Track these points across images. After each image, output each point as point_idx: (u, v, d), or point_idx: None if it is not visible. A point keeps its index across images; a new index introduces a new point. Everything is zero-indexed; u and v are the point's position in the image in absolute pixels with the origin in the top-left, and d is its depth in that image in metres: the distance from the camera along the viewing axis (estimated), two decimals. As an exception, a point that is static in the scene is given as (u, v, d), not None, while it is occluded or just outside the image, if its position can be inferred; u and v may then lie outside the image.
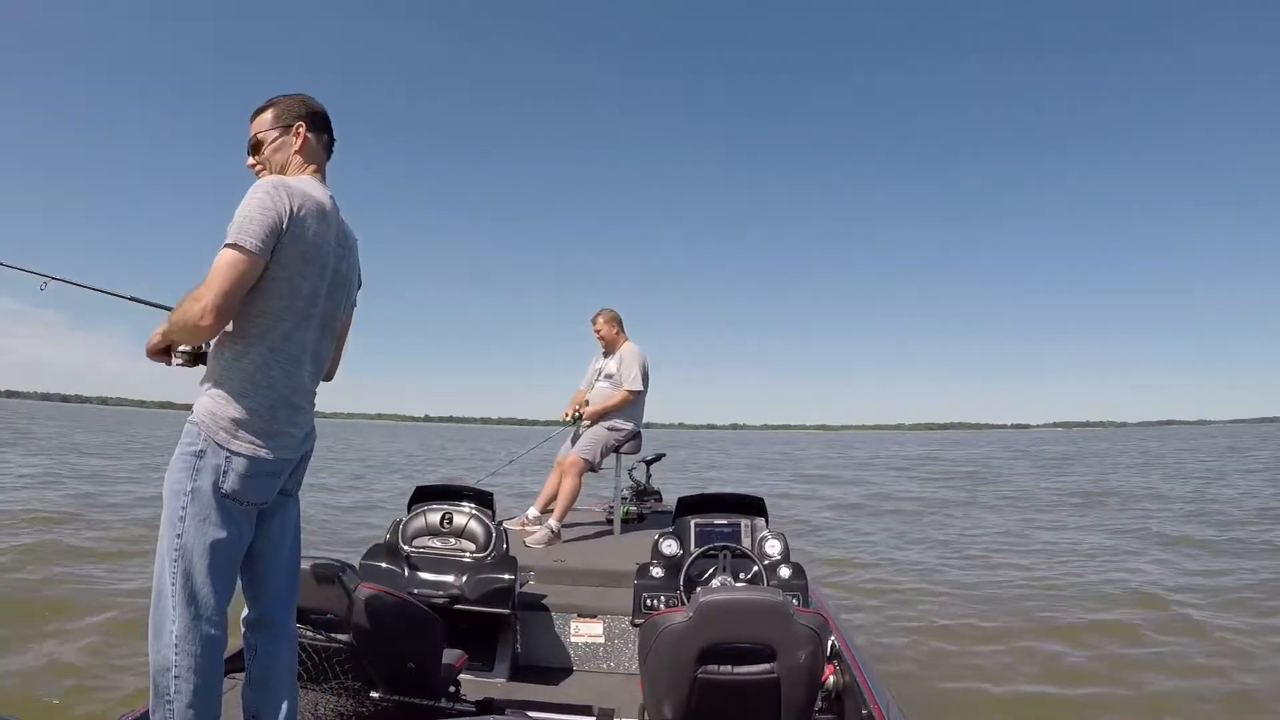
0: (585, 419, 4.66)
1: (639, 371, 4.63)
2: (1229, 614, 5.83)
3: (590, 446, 4.55)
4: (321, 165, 2.02)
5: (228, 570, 1.79)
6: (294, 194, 1.79)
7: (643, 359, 4.69)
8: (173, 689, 1.70)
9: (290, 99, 2.01)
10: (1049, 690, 4.34)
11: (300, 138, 1.97)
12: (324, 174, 2.02)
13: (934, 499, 14.95)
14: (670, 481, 7.55)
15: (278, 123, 1.97)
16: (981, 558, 8.38)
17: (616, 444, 4.63)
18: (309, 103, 2.02)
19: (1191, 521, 11.03)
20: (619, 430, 4.63)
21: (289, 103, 1.99)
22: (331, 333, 2.00)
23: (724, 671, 2.16)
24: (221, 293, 1.67)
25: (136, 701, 2.55)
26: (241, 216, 1.72)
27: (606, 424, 4.62)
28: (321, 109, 2.04)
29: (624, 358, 4.71)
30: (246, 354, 1.79)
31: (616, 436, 4.62)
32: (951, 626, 5.57)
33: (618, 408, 4.63)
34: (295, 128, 1.97)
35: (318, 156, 2.01)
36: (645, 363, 4.69)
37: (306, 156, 1.98)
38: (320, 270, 1.87)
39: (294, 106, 1.99)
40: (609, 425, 4.62)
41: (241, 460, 1.75)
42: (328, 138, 2.04)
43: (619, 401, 4.62)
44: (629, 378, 4.63)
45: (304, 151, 1.97)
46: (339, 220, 1.96)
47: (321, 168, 2.02)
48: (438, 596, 2.95)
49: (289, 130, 1.96)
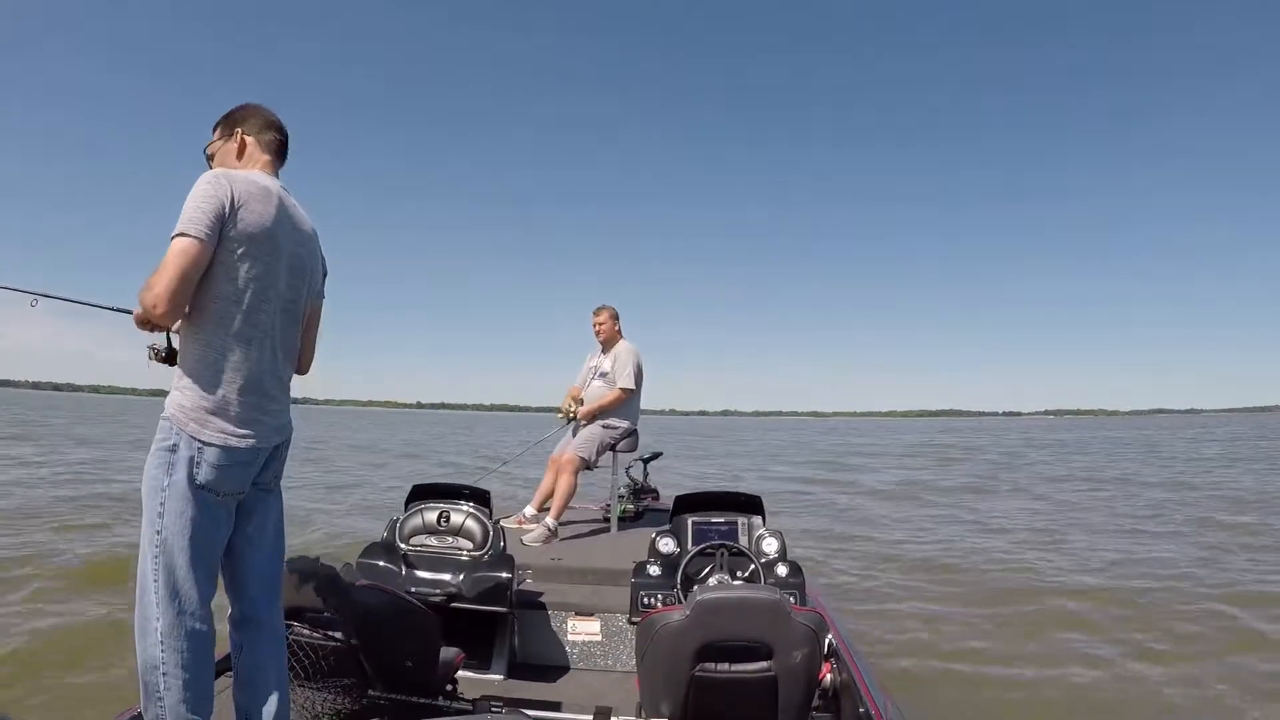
0: (580, 418, 4.68)
1: (633, 370, 4.64)
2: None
3: (586, 445, 4.55)
4: (268, 163, 2.05)
5: (209, 563, 1.82)
6: (235, 180, 1.84)
7: (637, 357, 4.70)
8: (162, 686, 1.72)
9: (234, 110, 2.09)
10: (1050, 690, 4.34)
11: (238, 141, 2.04)
12: (274, 171, 2.06)
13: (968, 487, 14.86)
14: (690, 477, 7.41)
15: (223, 134, 2.06)
16: (1010, 553, 8.20)
17: (612, 442, 4.63)
18: (257, 109, 2.09)
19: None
20: (614, 428, 4.63)
21: (231, 113, 2.08)
22: (295, 320, 2.01)
23: (721, 670, 2.17)
24: (172, 279, 1.71)
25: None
26: (186, 207, 1.77)
27: (602, 422, 4.63)
28: (269, 112, 2.10)
29: (619, 356, 4.72)
30: (209, 344, 1.81)
31: (612, 434, 4.62)
32: (959, 622, 5.56)
33: (611, 406, 4.63)
34: (235, 133, 2.04)
35: (260, 157, 2.05)
36: (639, 361, 4.70)
37: (247, 160, 2.03)
38: (271, 254, 1.89)
39: (234, 115, 2.07)
40: (605, 423, 4.62)
41: (214, 450, 1.78)
42: (272, 135, 2.07)
43: (612, 400, 4.62)
44: (623, 376, 4.63)
45: (243, 155, 2.03)
46: (291, 207, 1.99)
47: (270, 166, 2.05)
48: (435, 595, 2.95)
49: (230, 138, 2.05)
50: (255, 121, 2.06)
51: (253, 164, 2.03)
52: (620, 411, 4.66)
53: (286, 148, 2.11)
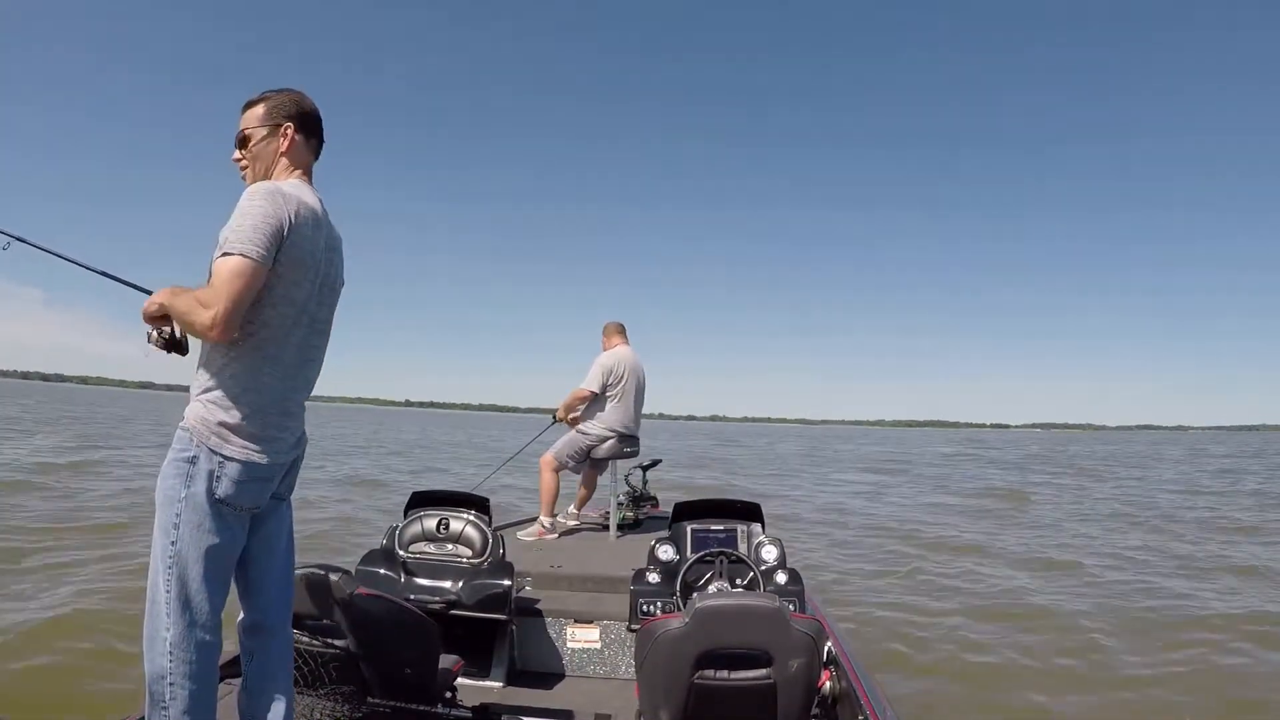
0: (557, 419, 4.94)
1: (596, 373, 4.79)
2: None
3: (560, 446, 4.81)
4: (308, 168, 1.96)
5: (222, 576, 1.79)
6: (291, 201, 1.77)
7: (605, 365, 4.80)
8: (168, 696, 1.70)
9: (282, 95, 1.93)
10: (1049, 699, 4.35)
11: (288, 139, 1.91)
12: (310, 176, 1.97)
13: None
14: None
15: (268, 120, 1.90)
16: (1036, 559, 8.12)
17: (588, 447, 4.78)
18: (301, 102, 1.94)
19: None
20: (587, 435, 4.79)
21: (280, 99, 1.92)
22: (322, 336, 1.97)
23: (720, 677, 2.17)
24: (231, 302, 1.65)
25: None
26: (244, 225, 1.68)
27: (579, 427, 4.82)
28: (313, 109, 1.97)
29: (595, 361, 4.88)
30: (239, 360, 1.76)
31: (586, 440, 4.79)
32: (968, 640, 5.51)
33: (569, 405, 4.82)
34: (284, 128, 1.90)
35: (304, 159, 1.95)
36: (608, 367, 4.80)
37: (293, 159, 1.92)
38: (313, 277, 1.85)
39: (285, 104, 1.92)
40: (580, 429, 4.82)
41: (235, 465, 1.74)
42: (316, 141, 1.98)
43: (570, 399, 4.81)
44: (586, 378, 4.81)
45: (290, 153, 1.92)
46: (328, 224, 1.93)
47: (308, 171, 1.96)
48: (434, 602, 2.94)
49: (277, 130, 1.90)
50: (303, 118, 1.93)
51: (296, 167, 1.93)
52: (597, 418, 4.79)
53: (320, 153, 2.02)
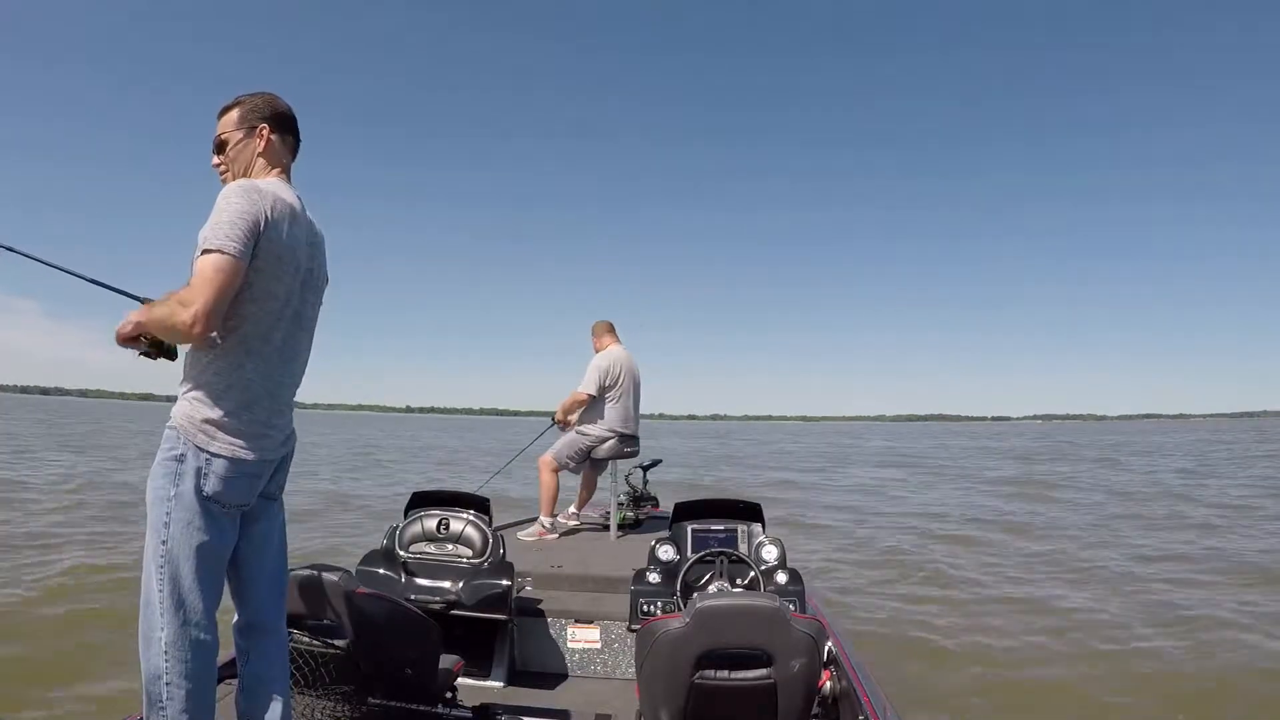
0: (556, 421, 4.96)
1: (592, 376, 4.81)
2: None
3: (560, 447, 4.85)
4: (286, 167, 2.00)
5: (214, 574, 1.80)
6: (267, 196, 1.80)
7: (601, 367, 4.82)
8: (165, 696, 1.71)
9: (256, 98, 1.97)
10: (1051, 699, 4.35)
11: (264, 140, 1.94)
12: (289, 175, 2.01)
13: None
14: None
15: (243, 123, 1.94)
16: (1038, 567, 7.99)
17: (588, 448, 4.82)
18: (275, 103, 1.99)
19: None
20: (588, 435, 4.82)
21: (255, 102, 1.96)
22: (306, 332, 2.00)
23: (721, 677, 2.17)
24: (211, 299, 1.67)
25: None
26: (220, 221, 1.71)
27: (577, 428, 4.86)
28: (287, 109, 2.01)
29: (590, 364, 4.90)
30: (223, 357, 1.79)
31: (586, 441, 4.82)
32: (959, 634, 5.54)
33: (568, 409, 4.86)
34: (259, 129, 1.94)
35: (282, 158, 1.99)
36: (604, 369, 4.81)
37: (270, 159, 1.96)
38: (294, 271, 1.88)
39: (259, 107, 1.96)
40: (580, 430, 4.85)
41: (221, 462, 1.76)
42: (293, 139, 2.02)
43: (569, 402, 4.84)
44: (583, 381, 4.84)
45: (267, 154, 1.95)
46: (308, 220, 1.96)
47: (286, 169, 2.00)
48: (434, 602, 2.95)
49: (253, 131, 1.94)
50: (278, 119, 1.98)
51: (274, 166, 1.97)
52: (594, 420, 4.82)
53: (297, 152, 2.05)
